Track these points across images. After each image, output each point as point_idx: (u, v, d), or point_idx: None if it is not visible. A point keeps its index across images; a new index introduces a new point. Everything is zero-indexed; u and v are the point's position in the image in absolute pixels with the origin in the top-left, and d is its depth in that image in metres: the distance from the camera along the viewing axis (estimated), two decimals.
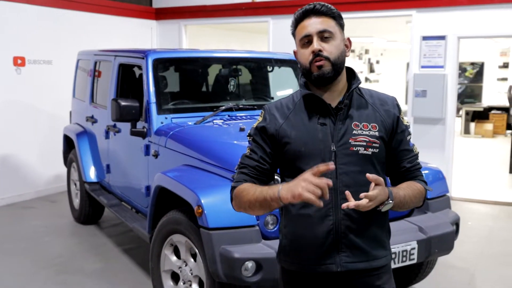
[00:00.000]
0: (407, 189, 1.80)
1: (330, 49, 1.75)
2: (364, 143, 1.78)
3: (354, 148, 1.77)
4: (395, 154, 1.87)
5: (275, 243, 2.95)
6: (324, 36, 1.76)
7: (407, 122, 1.90)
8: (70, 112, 6.07)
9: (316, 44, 1.75)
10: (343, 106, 1.80)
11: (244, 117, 4.21)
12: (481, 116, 12.98)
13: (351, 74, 1.87)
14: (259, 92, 5.00)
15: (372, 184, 1.65)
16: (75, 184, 5.69)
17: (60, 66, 6.84)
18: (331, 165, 1.57)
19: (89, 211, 5.47)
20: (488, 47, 14.28)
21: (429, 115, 6.70)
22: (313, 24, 1.76)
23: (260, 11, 7.87)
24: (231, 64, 4.72)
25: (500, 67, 14.90)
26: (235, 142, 3.52)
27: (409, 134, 1.90)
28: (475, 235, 5.37)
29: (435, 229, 3.28)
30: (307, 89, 1.84)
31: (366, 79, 16.76)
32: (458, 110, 13.71)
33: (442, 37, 6.61)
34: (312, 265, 1.81)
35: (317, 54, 1.75)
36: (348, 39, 1.86)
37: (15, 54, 6.37)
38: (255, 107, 4.41)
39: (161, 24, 8.67)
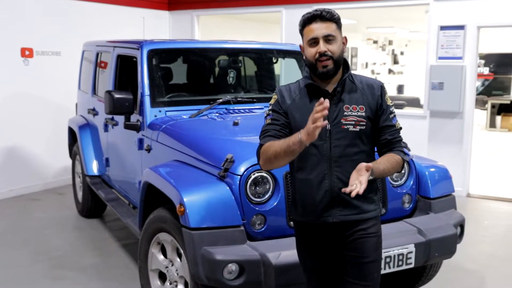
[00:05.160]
0: (386, 162, 2.19)
1: (333, 50, 2.15)
2: (353, 122, 2.18)
3: (345, 126, 2.17)
4: (379, 129, 2.26)
5: (261, 245, 2.83)
6: (328, 39, 2.15)
7: (390, 103, 2.28)
8: (76, 104, 6.02)
9: (322, 46, 2.14)
10: (336, 92, 2.19)
11: (242, 111, 4.06)
12: (508, 109, 12.47)
13: (346, 65, 2.26)
14: (264, 85, 4.83)
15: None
16: (79, 177, 5.63)
17: (68, 57, 6.77)
18: (326, 103, 1.88)
19: (91, 204, 5.41)
20: None
21: (446, 108, 6.41)
22: (320, 29, 2.15)
23: (273, 1, 7.67)
24: (230, 55, 4.55)
25: None
26: (224, 137, 3.36)
27: (392, 112, 2.27)
28: (490, 235, 5.11)
29: (436, 232, 3.08)
30: (310, 78, 2.23)
31: (390, 71, 16.23)
32: (484, 103, 13.21)
33: (461, 27, 6.30)
34: (314, 217, 2.24)
35: (322, 54, 2.14)
36: (345, 37, 2.24)
37: (22, 45, 6.33)
38: (255, 100, 4.25)
39: (174, 15, 8.54)
